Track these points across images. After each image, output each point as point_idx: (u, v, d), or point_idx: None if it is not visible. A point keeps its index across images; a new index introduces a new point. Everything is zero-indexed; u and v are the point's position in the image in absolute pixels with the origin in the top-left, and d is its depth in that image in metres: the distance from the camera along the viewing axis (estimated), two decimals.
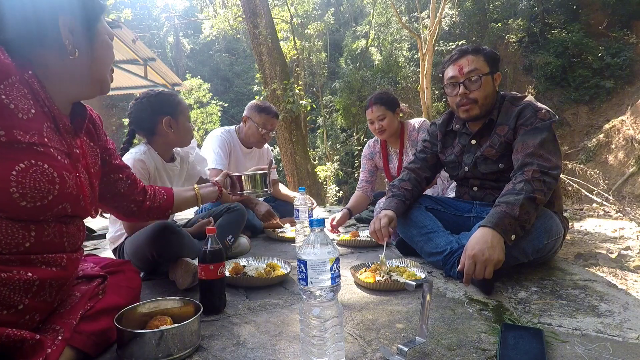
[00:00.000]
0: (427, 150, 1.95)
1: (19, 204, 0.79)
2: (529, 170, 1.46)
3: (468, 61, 1.63)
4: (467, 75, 1.63)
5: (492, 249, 1.31)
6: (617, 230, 3.38)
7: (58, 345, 0.84)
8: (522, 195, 1.39)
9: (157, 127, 1.69)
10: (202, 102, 15.21)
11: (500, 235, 1.35)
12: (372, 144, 2.73)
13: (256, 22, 6.84)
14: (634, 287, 1.97)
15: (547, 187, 1.43)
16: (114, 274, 1.19)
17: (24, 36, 0.85)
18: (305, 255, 0.86)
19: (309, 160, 7.81)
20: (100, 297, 1.05)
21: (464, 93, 1.64)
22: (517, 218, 1.37)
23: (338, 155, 15.98)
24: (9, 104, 0.78)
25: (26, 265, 0.83)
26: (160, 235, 1.48)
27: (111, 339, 1.02)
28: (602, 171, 8.69)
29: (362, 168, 2.74)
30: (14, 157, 0.79)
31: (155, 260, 1.55)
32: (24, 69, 0.83)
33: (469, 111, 1.67)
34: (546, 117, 1.54)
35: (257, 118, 2.55)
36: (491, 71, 1.64)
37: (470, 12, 13.72)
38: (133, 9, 19.86)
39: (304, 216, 2.02)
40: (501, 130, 1.64)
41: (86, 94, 0.99)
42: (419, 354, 0.97)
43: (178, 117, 1.72)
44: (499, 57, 1.71)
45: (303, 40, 14.38)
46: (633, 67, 11.11)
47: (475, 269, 1.31)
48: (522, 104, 1.61)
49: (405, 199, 1.81)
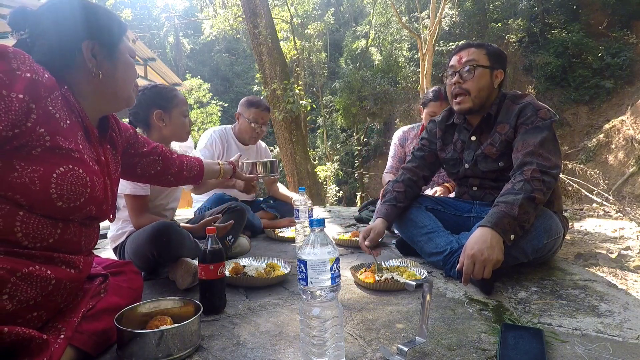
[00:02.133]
0: (425, 148, 1.94)
1: (56, 204, 0.87)
2: (528, 170, 1.45)
3: (469, 52, 1.64)
4: (464, 64, 1.64)
5: (491, 248, 1.31)
6: (617, 230, 3.38)
7: (60, 344, 0.85)
8: (521, 195, 1.39)
9: (150, 119, 1.71)
10: (202, 102, 15.22)
11: (499, 235, 1.35)
12: (407, 129, 2.68)
13: (256, 22, 6.85)
14: (634, 287, 1.96)
15: (546, 186, 1.43)
16: (116, 274, 1.19)
17: (55, 61, 0.94)
18: (305, 255, 0.86)
19: (309, 160, 7.81)
20: (102, 296, 1.05)
21: (457, 82, 1.65)
22: (516, 218, 1.37)
23: (338, 155, 15.99)
24: (54, 114, 0.87)
25: (48, 263, 0.88)
26: (161, 234, 1.48)
27: (112, 339, 1.02)
28: (602, 171, 8.69)
29: (392, 154, 2.71)
30: (55, 161, 0.87)
31: (156, 260, 1.54)
32: (61, 85, 0.93)
33: (460, 103, 1.67)
34: (547, 117, 1.54)
35: (248, 113, 2.56)
36: (491, 66, 1.63)
37: (470, 12, 13.72)
38: (133, 9, 19.88)
39: (304, 216, 2.02)
40: (502, 129, 1.63)
41: (113, 109, 1.10)
42: (419, 354, 0.97)
43: (171, 111, 1.73)
44: (504, 55, 1.70)
45: (303, 40, 14.39)
46: (633, 67, 11.11)
47: (474, 269, 1.32)
48: (523, 102, 1.61)
49: (397, 202, 1.81)
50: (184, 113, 1.78)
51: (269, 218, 2.78)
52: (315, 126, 17.43)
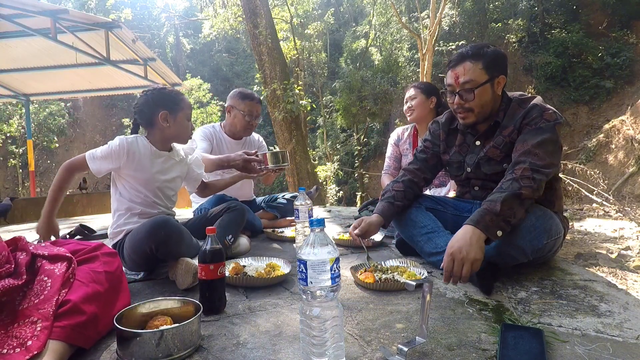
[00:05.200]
0: (427, 150, 1.93)
1: None
2: (519, 169, 1.46)
3: (464, 69, 1.59)
4: (462, 86, 1.60)
5: (470, 246, 1.31)
6: (617, 230, 3.38)
7: (39, 336, 0.84)
8: (506, 193, 1.40)
9: (155, 119, 1.73)
10: (202, 102, 15.21)
11: (481, 232, 1.34)
12: (401, 131, 2.74)
13: (256, 22, 6.85)
14: (634, 287, 1.96)
15: (536, 183, 1.42)
16: (88, 260, 1.14)
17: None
18: (305, 255, 0.86)
19: (309, 160, 7.81)
20: (72, 281, 1.02)
21: (459, 103, 1.63)
22: (499, 214, 1.36)
23: (338, 155, 15.99)
24: None
25: None
26: (159, 228, 1.50)
27: (102, 331, 1.02)
28: (602, 171, 8.70)
29: (388, 155, 2.75)
30: None
31: (155, 256, 1.55)
32: None
33: (464, 119, 1.67)
34: (551, 118, 1.52)
35: (242, 106, 2.54)
36: (490, 78, 1.59)
37: (470, 12, 13.73)
38: (133, 9, 19.88)
39: (304, 216, 2.02)
40: (506, 132, 1.62)
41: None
42: (419, 354, 0.97)
43: (176, 113, 1.76)
44: (503, 57, 1.64)
45: (303, 40, 14.39)
46: (633, 67, 11.11)
47: (453, 267, 1.31)
48: (530, 105, 1.59)
49: (395, 200, 1.82)
50: (188, 117, 1.80)
51: (269, 218, 2.78)
52: (315, 126, 17.43)
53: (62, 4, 14.87)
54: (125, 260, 1.65)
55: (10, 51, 5.93)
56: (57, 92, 8.41)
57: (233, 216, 1.97)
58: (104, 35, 5.53)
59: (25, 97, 8.04)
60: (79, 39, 5.38)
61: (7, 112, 13.63)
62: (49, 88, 7.91)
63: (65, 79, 7.28)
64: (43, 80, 7.30)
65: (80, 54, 5.66)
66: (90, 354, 1.01)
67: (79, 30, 5.37)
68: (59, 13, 4.88)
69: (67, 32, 5.10)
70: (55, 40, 5.06)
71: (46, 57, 6.21)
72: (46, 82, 7.43)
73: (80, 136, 17.85)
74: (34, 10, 4.68)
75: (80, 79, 7.27)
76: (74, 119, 17.44)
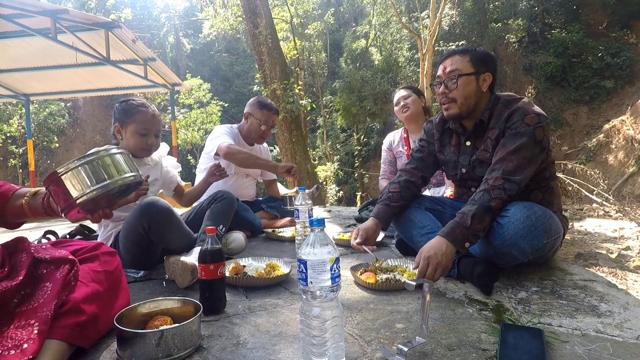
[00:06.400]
0: (423, 149, 1.94)
1: None
2: (491, 178, 1.50)
3: (452, 61, 1.65)
4: (448, 75, 1.65)
5: (445, 255, 1.37)
6: (617, 230, 3.37)
7: (35, 339, 0.84)
8: (476, 206, 1.44)
9: (114, 130, 1.82)
10: (202, 102, 15.22)
11: (450, 244, 1.40)
12: (392, 136, 2.83)
13: (256, 22, 6.84)
14: (634, 287, 1.96)
15: (506, 193, 1.46)
16: (88, 260, 1.14)
17: None
18: (305, 255, 0.86)
19: (309, 160, 7.81)
20: (73, 284, 1.01)
21: (444, 92, 1.68)
22: (469, 228, 1.41)
23: (338, 155, 16.00)
24: None
25: None
26: (150, 206, 1.58)
27: (102, 331, 1.02)
28: (602, 171, 8.70)
29: (383, 159, 2.83)
30: None
31: (148, 239, 1.60)
32: None
33: (447, 110, 1.70)
34: (532, 122, 1.52)
35: (259, 115, 2.58)
36: (476, 72, 1.63)
37: (470, 12, 13.73)
38: (133, 9, 19.86)
39: (304, 216, 2.02)
40: (492, 134, 1.64)
41: None
42: (419, 354, 0.97)
43: (127, 127, 1.78)
44: (492, 57, 1.70)
45: (303, 40, 14.38)
46: (633, 67, 11.12)
47: (427, 270, 1.36)
48: (514, 107, 1.60)
49: (391, 202, 1.82)
50: (140, 131, 1.77)
51: (269, 218, 2.78)
52: (315, 126, 17.44)
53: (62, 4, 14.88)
54: (122, 257, 1.65)
55: (10, 51, 5.93)
56: (57, 92, 8.41)
57: (221, 206, 1.98)
58: (104, 35, 5.53)
59: (25, 97, 8.04)
60: (79, 39, 5.38)
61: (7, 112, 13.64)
62: (49, 88, 7.91)
63: (65, 79, 7.28)
64: (43, 80, 7.30)
65: (80, 54, 5.66)
66: (90, 354, 1.01)
67: (79, 30, 5.38)
68: (59, 13, 4.88)
69: (67, 32, 5.10)
70: (55, 40, 5.06)
71: (46, 57, 6.21)
72: (46, 82, 7.43)
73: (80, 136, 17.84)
74: (34, 10, 4.68)
75: (80, 79, 7.27)
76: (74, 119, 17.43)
